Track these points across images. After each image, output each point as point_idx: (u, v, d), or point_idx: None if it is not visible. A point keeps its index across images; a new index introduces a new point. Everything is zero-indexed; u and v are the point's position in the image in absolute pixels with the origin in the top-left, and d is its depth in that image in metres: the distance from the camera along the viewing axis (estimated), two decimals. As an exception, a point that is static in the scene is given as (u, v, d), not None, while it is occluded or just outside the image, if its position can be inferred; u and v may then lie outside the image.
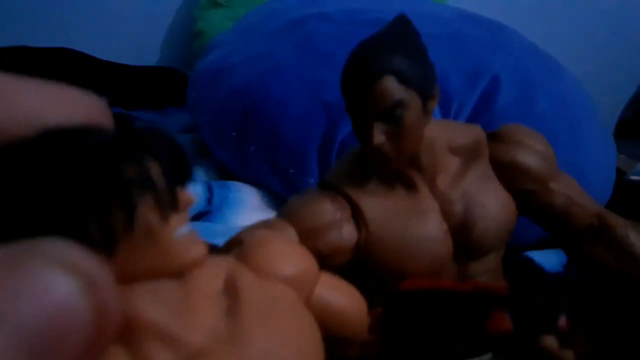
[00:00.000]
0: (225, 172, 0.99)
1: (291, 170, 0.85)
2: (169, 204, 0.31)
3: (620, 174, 1.10)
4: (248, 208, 0.85)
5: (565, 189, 0.55)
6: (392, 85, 0.45)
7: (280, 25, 0.99)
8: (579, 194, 0.56)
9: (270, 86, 0.88)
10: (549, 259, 0.77)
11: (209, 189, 0.87)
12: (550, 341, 0.36)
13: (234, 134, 0.90)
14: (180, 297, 0.31)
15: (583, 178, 0.62)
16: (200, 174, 0.98)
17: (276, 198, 0.90)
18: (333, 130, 0.84)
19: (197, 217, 0.83)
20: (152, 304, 0.30)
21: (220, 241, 0.43)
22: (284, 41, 0.94)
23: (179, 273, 0.32)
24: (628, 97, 1.66)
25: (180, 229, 0.31)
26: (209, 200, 0.85)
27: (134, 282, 0.30)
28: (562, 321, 0.37)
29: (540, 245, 0.82)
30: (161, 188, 0.30)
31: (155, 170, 0.30)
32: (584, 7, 1.58)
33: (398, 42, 0.47)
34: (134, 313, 0.29)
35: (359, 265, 0.52)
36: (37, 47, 1.30)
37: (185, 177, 0.32)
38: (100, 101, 0.30)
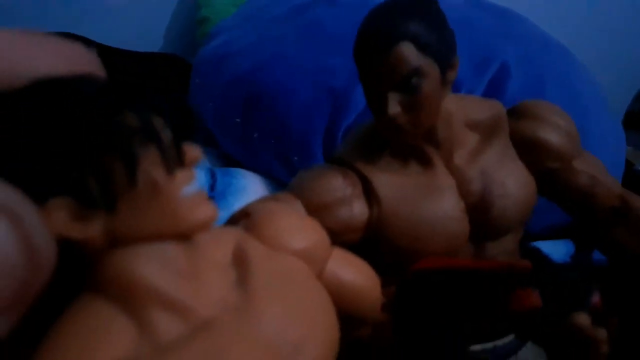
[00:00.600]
0: (229, 160, 0.98)
1: (295, 158, 0.84)
2: (174, 158, 0.29)
3: (628, 165, 1.08)
4: (251, 195, 0.84)
5: (589, 168, 0.53)
6: (409, 52, 0.43)
7: (284, 11, 0.97)
8: (602, 173, 0.54)
9: (275, 72, 0.86)
10: (556, 250, 0.76)
11: (212, 176, 0.86)
12: (583, 319, 0.35)
13: (237, 120, 0.89)
14: (187, 264, 0.30)
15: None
16: (203, 161, 0.97)
17: (279, 185, 0.89)
18: (337, 117, 0.82)
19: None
20: (157, 268, 0.29)
21: (223, 229, 0.42)
22: (288, 26, 0.93)
23: (186, 235, 0.30)
24: (637, 88, 1.63)
25: (187, 187, 0.29)
26: (212, 187, 0.84)
27: (137, 243, 0.29)
28: (596, 298, 0.36)
29: (546, 236, 0.81)
30: (165, 140, 0.29)
31: (158, 122, 0.29)
32: (595, -2, 1.55)
33: (415, 7, 0.44)
34: (136, 277, 0.28)
35: (371, 243, 0.50)
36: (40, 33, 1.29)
37: (190, 132, 0.31)
38: (91, 51, 0.29)
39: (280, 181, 0.89)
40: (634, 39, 1.59)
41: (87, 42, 0.29)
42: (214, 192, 0.82)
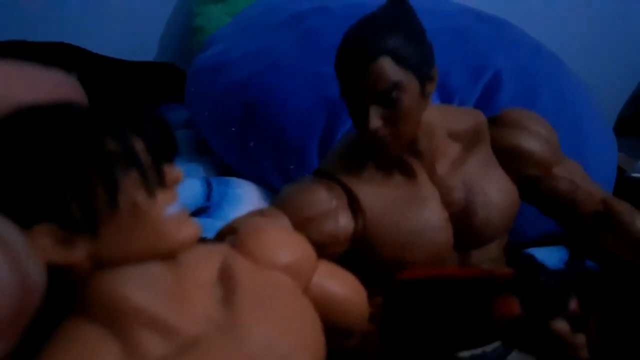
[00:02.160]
0: (224, 169, 0.98)
1: (291, 166, 0.85)
2: (156, 180, 0.29)
3: (620, 171, 1.09)
4: (247, 204, 0.84)
5: (570, 174, 0.54)
6: (388, 67, 0.44)
7: (280, 20, 0.98)
8: (583, 179, 0.55)
9: (271, 81, 0.87)
10: (550, 256, 0.77)
11: (208, 185, 0.86)
12: (561, 325, 0.35)
13: (233, 129, 0.89)
14: (172, 284, 0.30)
15: (585, 173, 0.61)
16: (198, 170, 0.97)
17: (275, 194, 0.89)
18: (333, 125, 0.83)
19: (196, 213, 0.82)
20: (141, 289, 0.29)
21: (219, 238, 0.42)
22: (284, 36, 0.93)
23: (170, 255, 0.30)
24: (628, 95, 1.65)
25: (169, 207, 0.30)
26: (208, 197, 0.84)
27: (122, 265, 0.29)
28: (573, 304, 0.36)
29: (541, 243, 0.82)
30: (146, 163, 0.29)
31: (139, 145, 0.29)
32: (585, 5, 1.57)
33: (393, 22, 0.45)
34: (121, 298, 0.28)
35: (357, 255, 0.51)
36: (36, 42, 1.29)
37: (171, 153, 0.31)
38: (71, 78, 0.29)
39: (276, 189, 0.89)
40: (626, 45, 1.61)
41: (82, 54, 0.29)
42: (210, 202, 0.83)
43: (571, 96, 0.89)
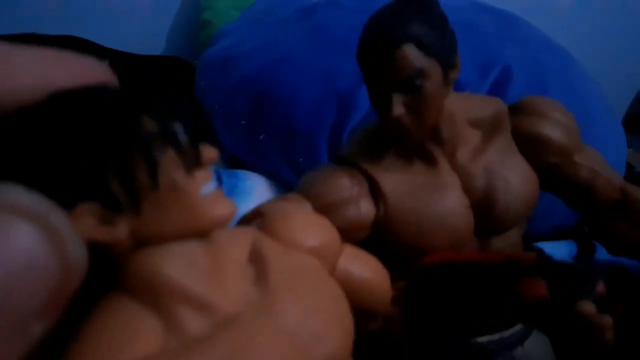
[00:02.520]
0: (234, 162, 0.99)
1: (301, 159, 0.85)
2: (192, 159, 0.30)
3: (629, 167, 1.09)
4: (257, 196, 0.85)
5: (590, 162, 0.54)
6: (412, 53, 0.44)
7: (289, 14, 0.98)
8: (602, 166, 0.55)
9: (281, 74, 0.87)
10: (559, 250, 0.77)
11: (218, 178, 0.86)
12: (588, 307, 0.35)
13: (243, 122, 0.90)
14: (208, 263, 0.31)
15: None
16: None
17: (285, 186, 0.90)
18: (343, 119, 0.83)
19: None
20: (180, 267, 0.30)
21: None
22: (294, 29, 0.93)
23: (206, 233, 0.31)
24: (635, 92, 1.65)
25: (206, 186, 0.30)
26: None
27: (161, 243, 0.29)
28: (600, 287, 0.36)
29: (550, 237, 0.82)
30: (183, 142, 0.30)
31: (175, 126, 0.30)
32: (590, 2, 1.56)
33: (416, 9, 0.45)
34: (161, 276, 0.29)
35: (378, 240, 0.51)
36: (44, 35, 1.29)
37: (205, 135, 0.32)
38: (103, 64, 0.30)
39: (285, 182, 0.90)
40: (634, 42, 1.60)
41: (92, 48, 0.30)
42: (221, 194, 0.83)
43: (581, 91, 0.89)
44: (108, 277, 0.30)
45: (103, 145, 0.27)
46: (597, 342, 0.35)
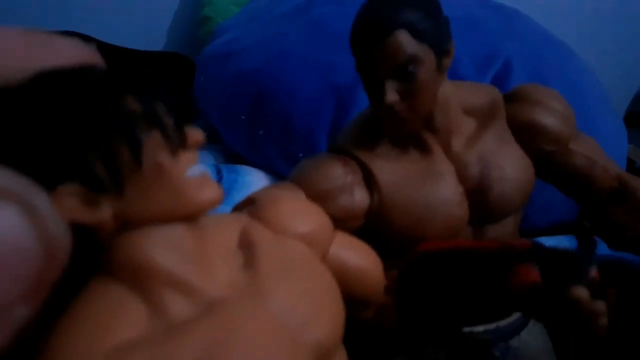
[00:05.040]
0: (234, 157, 0.99)
1: (300, 154, 0.85)
2: (178, 141, 0.29)
3: (629, 162, 1.09)
4: (256, 191, 0.85)
5: (586, 150, 0.53)
6: (405, 40, 0.43)
7: (288, 9, 0.98)
8: (599, 154, 0.54)
9: (280, 70, 0.87)
10: (559, 245, 0.77)
11: (218, 173, 0.86)
12: (581, 292, 0.35)
13: (243, 117, 0.90)
14: (194, 247, 0.31)
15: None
16: (208, 157, 0.98)
17: (284, 181, 0.90)
18: (342, 114, 0.83)
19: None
20: (166, 251, 0.29)
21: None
22: (292, 24, 0.93)
23: (193, 217, 0.31)
24: (636, 89, 1.64)
25: (191, 168, 0.30)
26: (218, 184, 0.84)
27: (146, 225, 0.29)
28: (594, 271, 0.36)
29: (550, 232, 0.82)
30: (168, 123, 0.29)
31: (160, 107, 0.29)
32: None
33: None
34: (146, 259, 0.29)
35: (372, 229, 0.51)
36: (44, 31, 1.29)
37: (191, 115, 0.31)
38: (90, 45, 0.29)
39: (284, 177, 0.90)
40: (634, 39, 1.59)
41: (85, 39, 0.29)
42: (220, 189, 0.83)
43: (581, 85, 0.89)
44: (93, 261, 0.30)
45: (85, 124, 0.26)
46: (592, 327, 0.35)
